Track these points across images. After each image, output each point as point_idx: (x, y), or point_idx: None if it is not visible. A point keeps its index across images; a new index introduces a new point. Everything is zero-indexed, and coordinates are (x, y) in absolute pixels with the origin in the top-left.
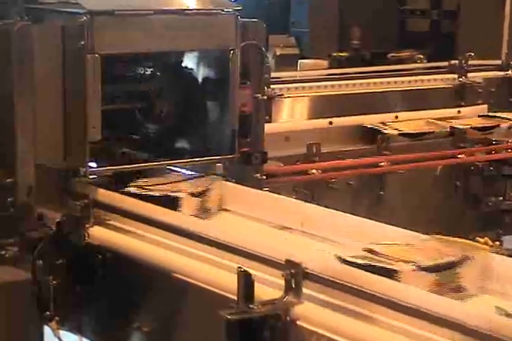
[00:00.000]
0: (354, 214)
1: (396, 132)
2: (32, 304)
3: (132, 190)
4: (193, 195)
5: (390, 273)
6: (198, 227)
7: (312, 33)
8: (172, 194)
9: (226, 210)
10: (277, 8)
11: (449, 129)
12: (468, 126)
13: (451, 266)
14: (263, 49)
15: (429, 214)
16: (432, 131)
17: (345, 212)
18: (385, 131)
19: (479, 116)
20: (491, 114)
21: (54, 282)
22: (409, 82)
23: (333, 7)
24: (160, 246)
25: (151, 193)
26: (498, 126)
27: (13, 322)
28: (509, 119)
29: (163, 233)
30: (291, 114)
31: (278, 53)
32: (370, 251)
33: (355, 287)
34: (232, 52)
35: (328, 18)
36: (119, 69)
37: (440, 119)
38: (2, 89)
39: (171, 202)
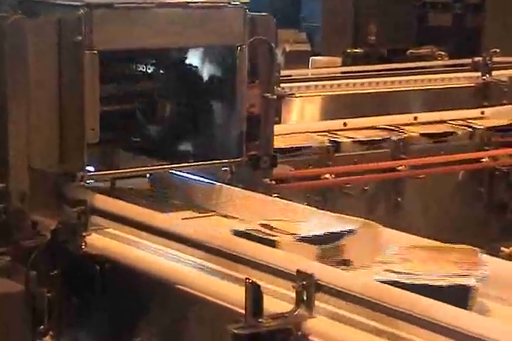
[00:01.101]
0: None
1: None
2: (25, 317)
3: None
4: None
5: (270, 244)
6: (204, 236)
7: (325, 27)
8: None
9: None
10: (280, 1)
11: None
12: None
13: (333, 238)
14: (273, 45)
15: (451, 222)
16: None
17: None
18: None
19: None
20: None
21: (49, 294)
22: (430, 80)
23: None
24: (162, 256)
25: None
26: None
27: (4, 337)
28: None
29: (165, 242)
30: (303, 115)
31: (288, 50)
32: (266, 225)
33: (370, 300)
34: (239, 48)
35: (341, 12)
36: (119, 67)
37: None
38: None
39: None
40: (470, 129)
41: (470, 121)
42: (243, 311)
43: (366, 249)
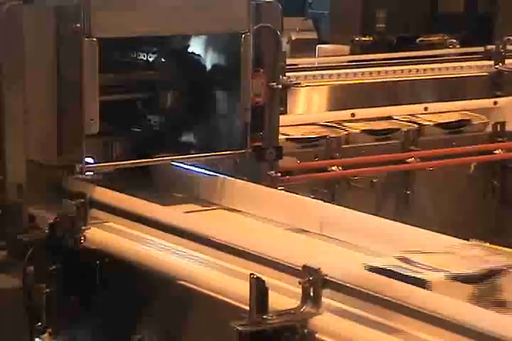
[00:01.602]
0: (378, 216)
1: None
2: (22, 314)
3: None
4: None
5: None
6: (207, 230)
7: (332, 15)
8: None
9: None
10: None
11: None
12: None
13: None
14: (278, 32)
15: (462, 217)
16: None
17: (368, 213)
18: None
19: None
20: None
21: (47, 290)
22: (441, 69)
23: None
24: (164, 251)
25: None
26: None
27: (1, 335)
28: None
29: (167, 236)
30: (309, 105)
31: (294, 38)
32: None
33: (379, 295)
34: (243, 35)
35: None
36: (119, 55)
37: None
38: None
39: None
40: (416, 125)
41: (418, 116)
42: (247, 307)
43: None
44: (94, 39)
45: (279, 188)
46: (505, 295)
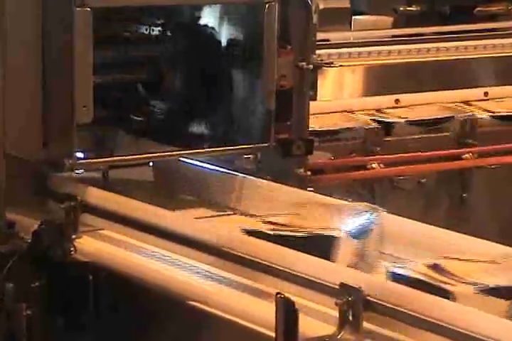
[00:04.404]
0: (427, 223)
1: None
2: None
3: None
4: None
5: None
6: (222, 241)
7: None
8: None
9: None
10: None
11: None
12: None
13: None
14: (309, 1)
15: None
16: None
17: (415, 219)
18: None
19: None
20: None
21: (28, 311)
22: (503, 45)
23: None
24: (170, 265)
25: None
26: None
27: None
28: None
29: (174, 247)
30: (343, 89)
31: (322, 7)
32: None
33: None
34: (267, 5)
35: None
36: (117, 29)
37: None
38: None
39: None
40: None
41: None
42: (273, 334)
43: None
44: (88, 8)
45: (309, 189)
46: None
